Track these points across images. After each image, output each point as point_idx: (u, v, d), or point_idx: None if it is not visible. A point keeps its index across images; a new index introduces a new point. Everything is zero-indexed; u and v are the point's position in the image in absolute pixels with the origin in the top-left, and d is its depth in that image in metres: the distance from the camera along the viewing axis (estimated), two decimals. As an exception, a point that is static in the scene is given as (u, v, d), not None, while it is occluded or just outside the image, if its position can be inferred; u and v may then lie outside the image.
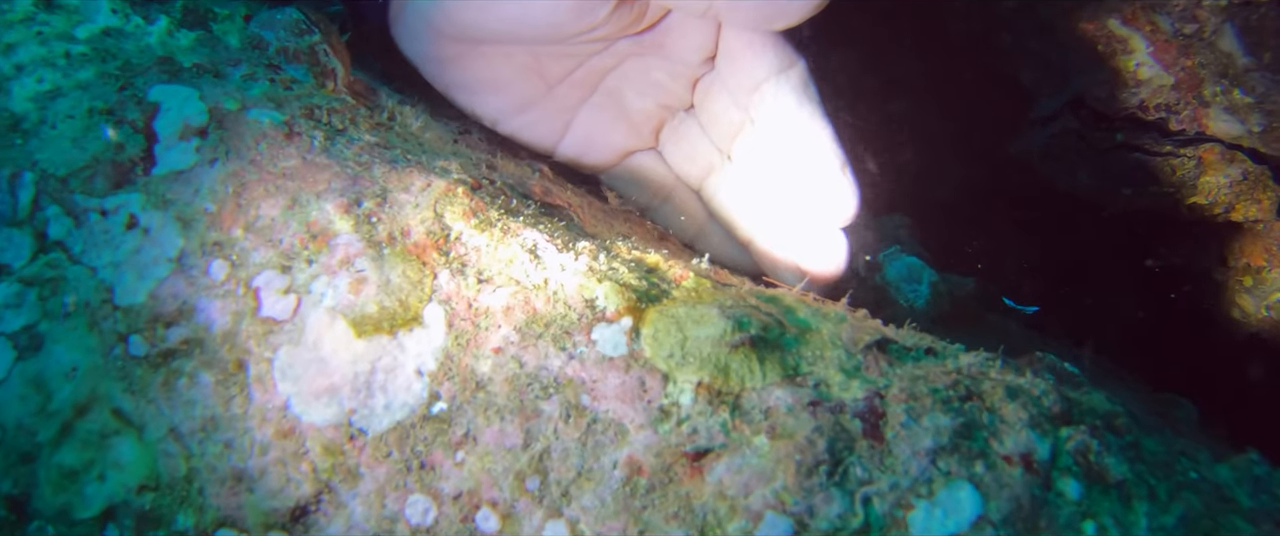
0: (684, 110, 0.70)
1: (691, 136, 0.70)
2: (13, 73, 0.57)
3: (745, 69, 0.62)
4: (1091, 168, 1.02)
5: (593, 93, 0.68)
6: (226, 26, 0.64)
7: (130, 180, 0.54)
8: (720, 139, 0.68)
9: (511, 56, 0.65)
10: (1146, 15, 0.92)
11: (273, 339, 0.49)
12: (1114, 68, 0.98)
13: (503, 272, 0.49)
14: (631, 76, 0.67)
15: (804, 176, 0.62)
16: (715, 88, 0.66)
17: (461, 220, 0.51)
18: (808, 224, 0.64)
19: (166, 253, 0.52)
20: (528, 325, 0.47)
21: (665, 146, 0.71)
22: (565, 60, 0.66)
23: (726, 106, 0.66)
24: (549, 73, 0.66)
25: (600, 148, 0.70)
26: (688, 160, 0.70)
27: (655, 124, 0.70)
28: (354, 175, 0.53)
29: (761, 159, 0.66)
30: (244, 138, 0.55)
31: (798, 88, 0.62)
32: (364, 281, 0.48)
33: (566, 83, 0.67)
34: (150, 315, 0.51)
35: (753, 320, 0.45)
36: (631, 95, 0.68)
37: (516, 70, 0.66)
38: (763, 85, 0.62)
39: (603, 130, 0.69)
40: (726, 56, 0.64)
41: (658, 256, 0.53)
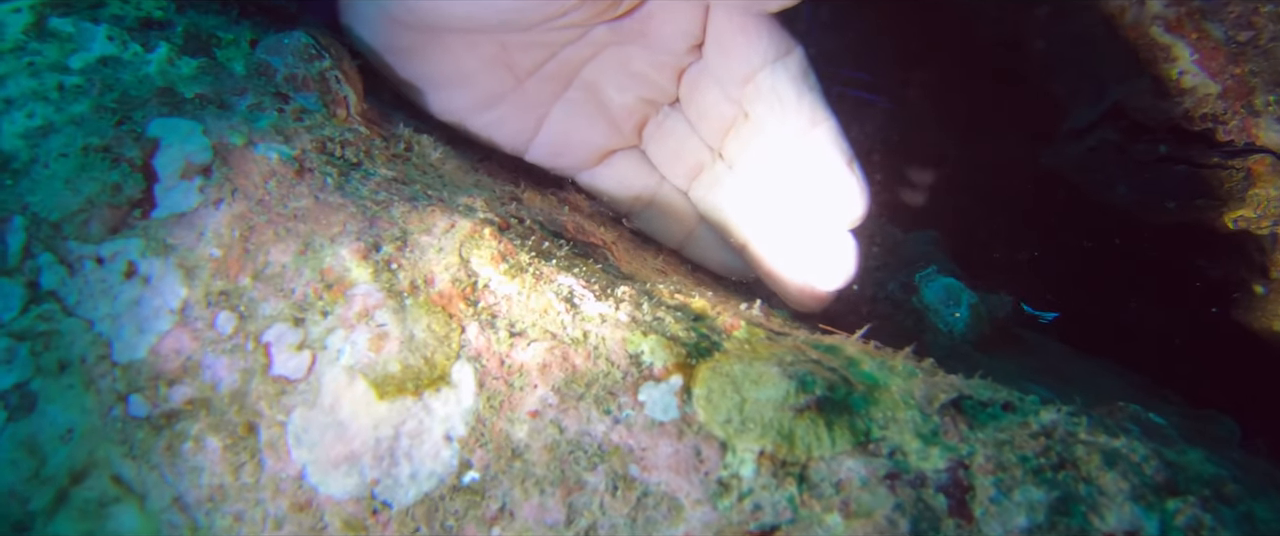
0: (669, 104, 0.64)
1: (678, 133, 0.64)
2: (1, 107, 0.53)
3: (737, 57, 0.57)
4: (1132, 180, 0.98)
5: (567, 87, 0.62)
6: (231, 53, 0.60)
7: (128, 224, 0.50)
8: (710, 135, 0.63)
9: (476, 46, 0.59)
10: (1194, 22, 0.87)
11: (286, 400, 0.44)
12: (1155, 76, 0.93)
13: (537, 324, 0.45)
14: (610, 68, 0.61)
15: (806, 174, 0.57)
16: (704, 79, 0.60)
17: (490, 265, 0.46)
18: (812, 226, 0.58)
19: (168, 304, 0.48)
20: (567, 385, 0.43)
21: (649, 145, 0.65)
22: (536, 50, 0.59)
23: (716, 99, 0.60)
24: (518, 65, 0.60)
25: (577, 147, 0.64)
26: (674, 159, 0.64)
27: (637, 120, 0.64)
28: (371, 216, 0.49)
29: (757, 156, 0.60)
30: (251, 175, 0.51)
31: (796, 76, 0.57)
32: (385, 337, 0.44)
33: (538, 76, 0.61)
34: (151, 372, 0.47)
35: (817, 379, 0.41)
36: (610, 89, 0.62)
37: (482, 62, 0.59)
38: (757, 75, 0.56)
39: (579, 128, 0.63)
40: (715, 44, 0.58)
41: (703, 300, 0.49)
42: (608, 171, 0.65)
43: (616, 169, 0.65)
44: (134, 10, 0.59)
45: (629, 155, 0.65)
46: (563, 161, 0.64)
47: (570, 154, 0.64)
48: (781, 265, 0.61)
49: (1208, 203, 0.94)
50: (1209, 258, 1.09)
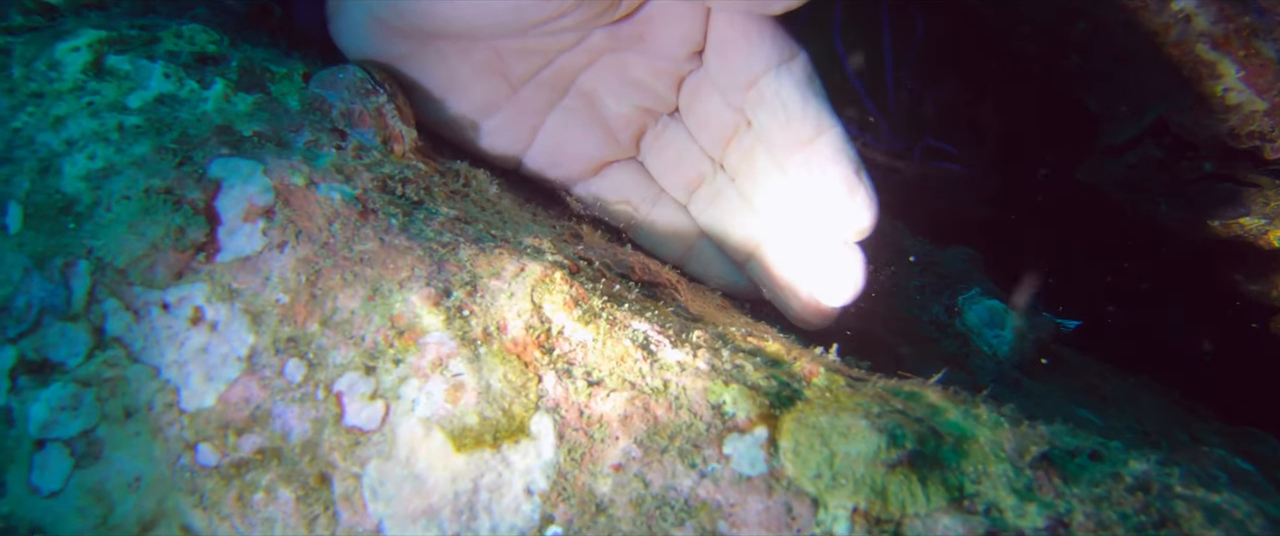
0: (667, 114, 0.62)
1: (677, 143, 0.62)
2: (63, 149, 0.52)
3: (739, 62, 0.55)
4: (1175, 197, 0.97)
5: (563, 95, 0.60)
6: (284, 87, 0.59)
7: (193, 269, 0.49)
8: (711, 144, 0.61)
9: (470, 53, 0.57)
10: (1243, 40, 0.86)
11: (360, 451, 0.44)
12: (1199, 93, 0.92)
13: (615, 374, 0.44)
14: (607, 76, 0.59)
15: (811, 184, 0.54)
16: (704, 86, 0.58)
17: (563, 311, 0.46)
18: (816, 239, 0.56)
19: (236, 351, 0.47)
20: (650, 437, 0.42)
21: (647, 156, 0.63)
22: (531, 57, 0.58)
23: (718, 107, 0.58)
24: (513, 72, 0.58)
25: (572, 158, 0.62)
26: (673, 170, 0.62)
27: (635, 130, 0.62)
28: (439, 260, 0.48)
29: (760, 166, 0.58)
30: (314, 217, 0.50)
31: (801, 82, 0.55)
32: (462, 387, 0.43)
33: (533, 83, 0.59)
34: (220, 421, 0.46)
35: (908, 432, 0.40)
36: (608, 97, 0.60)
37: (476, 69, 0.58)
38: (760, 80, 0.54)
39: (574, 138, 0.61)
40: (716, 48, 0.56)
41: (777, 344, 0.48)
42: (604, 183, 0.63)
43: (613, 180, 0.63)
44: (187, 45, 0.59)
45: (626, 167, 0.63)
46: (557, 172, 0.63)
47: (565, 164, 0.62)
48: (786, 280, 0.59)
49: (1253, 220, 0.92)
50: (1249, 273, 1.08)
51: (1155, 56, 0.91)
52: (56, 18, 0.58)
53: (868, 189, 0.54)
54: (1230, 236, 0.96)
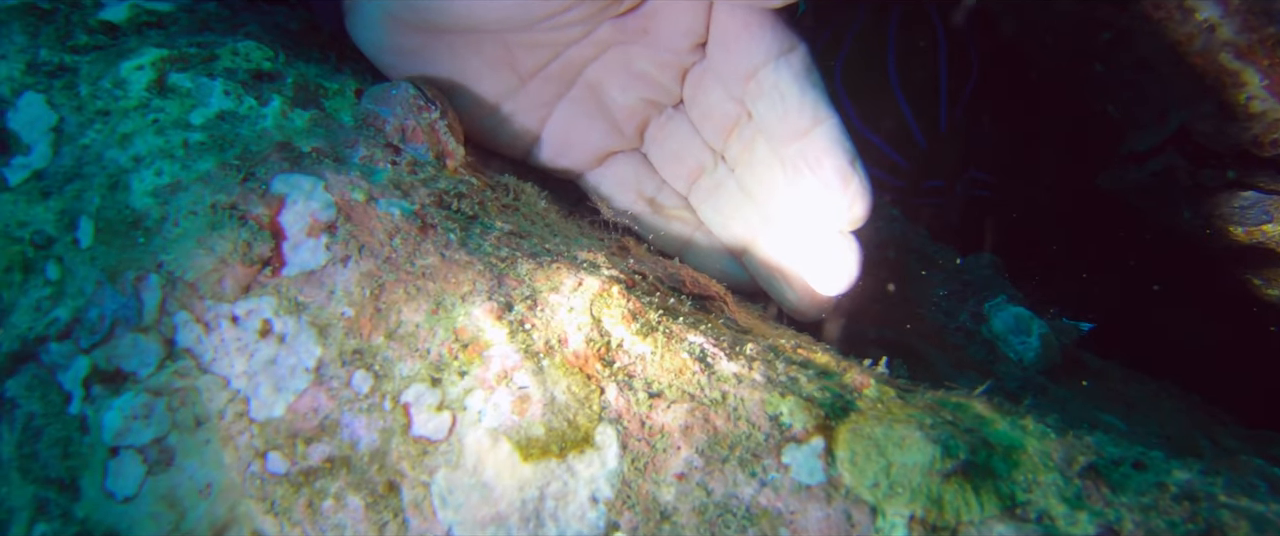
0: (672, 106, 0.63)
1: (680, 134, 0.63)
2: (131, 165, 0.54)
3: (740, 53, 0.55)
4: (1197, 205, 0.98)
5: (571, 87, 0.61)
6: (338, 103, 0.61)
7: (260, 282, 0.51)
8: (713, 135, 0.62)
9: (480, 47, 0.59)
10: (1267, 49, 0.87)
11: (428, 461, 0.45)
12: (1223, 102, 0.93)
13: (674, 385, 0.45)
14: (613, 68, 0.60)
15: (807, 174, 0.55)
16: (707, 78, 0.59)
17: (622, 325, 0.47)
18: (813, 230, 0.57)
19: (304, 362, 0.49)
20: (711, 447, 0.43)
21: (650, 147, 0.65)
22: (539, 50, 0.59)
23: (719, 98, 0.59)
24: (522, 65, 0.60)
25: (578, 148, 0.63)
26: (675, 161, 0.64)
27: (639, 122, 0.63)
28: (499, 274, 0.50)
29: (759, 157, 0.59)
30: (375, 233, 0.52)
31: (800, 74, 0.55)
32: (528, 399, 0.45)
33: (541, 76, 0.60)
34: (290, 430, 0.48)
35: (961, 443, 0.42)
36: (614, 89, 0.61)
37: (486, 63, 0.59)
38: (759, 71, 0.55)
39: (581, 129, 0.62)
40: (718, 40, 0.57)
41: (826, 356, 0.49)
42: (608, 173, 0.64)
43: (616, 171, 0.64)
44: (244, 62, 0.60)
45: (630, 157, 0.65)
46: (563, 163, 0.64)
47: (571, 154, 0.63)
48: (782, 270, 0.60)
49: (1276, 228, 0.93)
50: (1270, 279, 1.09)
51: (1179, 65, 0.92)
52: (119, 37, 0.60)
53: (862, 179, 0.55)
54: (1252, 243, 0.97)
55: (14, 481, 0.53)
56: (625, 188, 0.64)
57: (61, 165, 0.55)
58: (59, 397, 0.52)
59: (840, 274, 0.57)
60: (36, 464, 0.52)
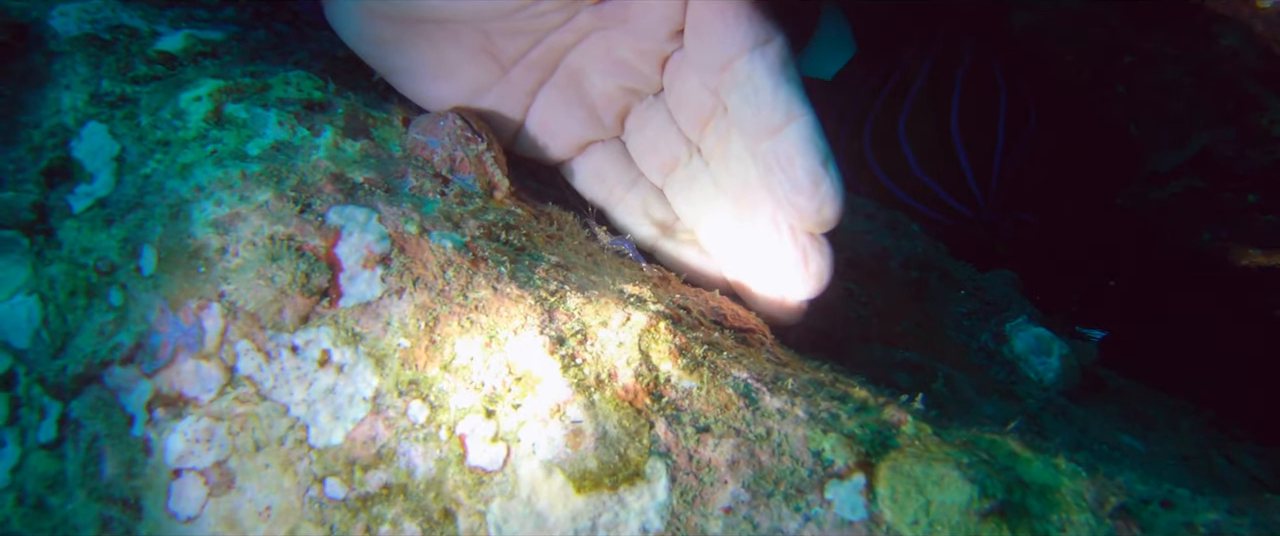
0: (653, 95, 0.62)
1: (656, 123, 0.62)
2: (191, 195, 0.56)
3: (714, 43, 0.54)
4: (1217, 226, 0.99)
5: (552, 72, 0.61)
6: (386, 132, 0.63)
7: (318, 313, 0.53)
8: (688, 126, 0.61)
9: (459, 36, 0.58)
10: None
11: (484, 490, 0.47)
12: (1245, 125, 0.94)
13: (720, 421, 0.47)
14: (595, 54, 0.60)
15: (779, 172, 0.54)
16: (684, 67, 0.58)
17: (669, 360, 0.49)
18: (784, 229, 0.56)
19: (362, 392, 0.51)
20: (756, 482, 0.45)
21: (629, 135, 0.64)
22: (520, 38, 0.58)
23: (695, 87, 0.58)
24: (503, 53, 0.59)
25: (557, 135, 0.63)
26: (650, 150, 0.63)
27: (619, 110, 0.62)
28: (549, 308, 0.52)
29: (734, 151, 0.58)
30: (428, 265, 0.53)
31: (774, 66, 0.54)
32: (581, 433, 0.47)
33: (523, 64, 0.60)
34: (348, 457, 0.50)
35: (997, 482, 0.43)
36: (594, 76, 0.60)
37: (466, 52, 0.59)
38: (734, 62, 0.54)
39: (560, 116, 0.62)
40: (694, 29, 0.55)
41: (863, 390, 0.51)
42: (585, 162, 0.64)
43: (594, 161, 0.64)
44: (295, 92, 0.62)
45: (609, 147, 0.64)
46: (543, 151, 0.64)
47: (550, 142, 0.63)
48: (753, 271, 0.59)
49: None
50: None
51: (1201, 89, 0.94)
52: (176, 67, 0.62)
53: (832, 181, 0.53)
54: (1272, 265, 0.98)
55: (78, 499, 0.55)
56: (601, 178, 0.64)
57: (124, 194, 0.57)
58: (122, 419, 0.54)
59: (810, 278, 0.56)
60: (101, 483, 0.54)
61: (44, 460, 0.56)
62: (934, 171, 1.16)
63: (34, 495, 0.56)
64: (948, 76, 1.13)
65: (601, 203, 0.64)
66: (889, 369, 0.74)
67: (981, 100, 1.14)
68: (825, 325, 0.79)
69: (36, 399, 0.57)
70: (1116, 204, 1.10)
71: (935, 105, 1.14)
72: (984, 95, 1.14)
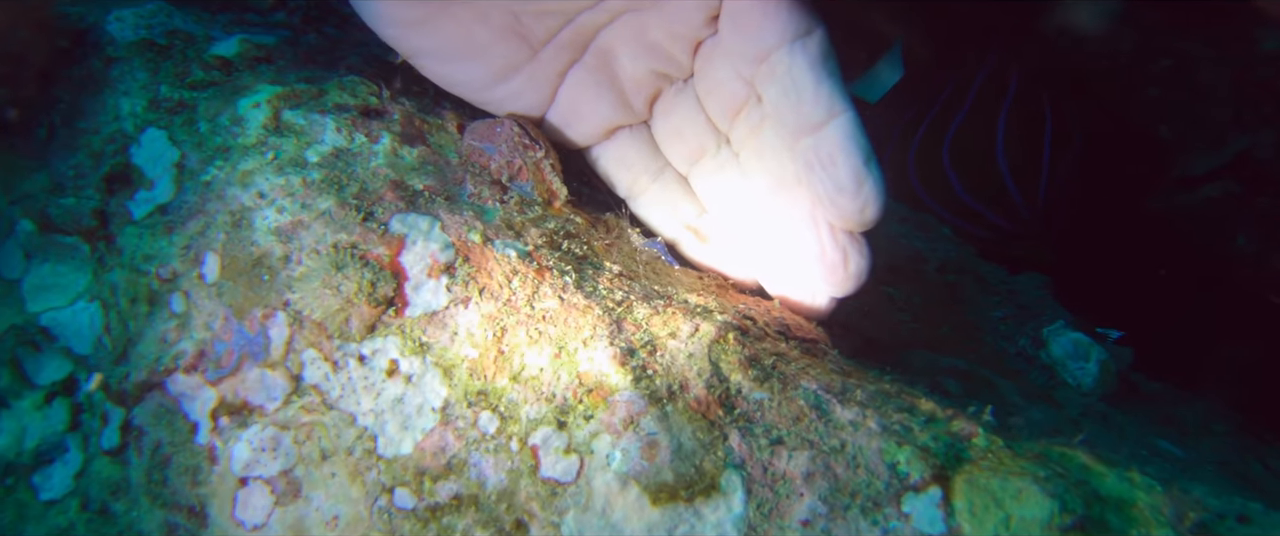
0: (683, 80, 0.60)
1: (684, 109, 0.60)
2: (253, 203, 0.56)
3: (751, 33, 0.52)
4: (1252, 231, 0.99)
5: (582, 53, 0.59)
6: (441, 139, 0.62)
7: (384, 323, 0.53)
8: (718, 115, 0.59)
9: (487, 16, 0.56)
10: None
11: (558, 502, 0.47)
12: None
13: (793, 433, 0.47)
14: (626, 35, 0.58)
15: (818, 169, 0.52)
16: (717, 54, 0.56)
17: (738, 372, 0.49)
18: (823, 227, 0.55)
19: (431, 402, 0.51)
20: (833, 494, 0.45)
21: (656, 121, 0.62)
22: (550, 17, 0.56)
23: (727, 76, 0.56)
24: (532, 33, 0.57)
25: (585, 118, 0.61)
26: (676, 138, 0.61)
27: (649, 94, 0.60)
28: (617, 319, 0.52)
29: (767, 144, 0.56)
30: (494, 275, 0.53)
31: (815, 60, 0.52)
32: (656, 445, 0.47)
33: (553, 44, 0.57)
34: (417, 468, 0.50)
35: (1077, 497, 0.43)
36: (624, 57, 0.59)
37: (495, 32, 0.56)
38: (772, 54, 0.52)
39: (589, 99, 0.60)
40: (730, 16, 0.53)
41: (929, 402, 0.51)
42: (611, 148, 0.62)
43: (620, 146, 0.62)
44: (351, 98, 0.62)
45: (635, 133, 0.62)
46: (570, 134, 0.62)
47: (578, 125, 0.61)
48: (784, 266, 0.58)
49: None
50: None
51: (1239, 93, 0.93)
52: (232, 72, 0.62)
53: (875, 181, 0.52)
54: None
55: (143, 505, 0.55)
56: (626, 165, 0.62)
57: (185, 201, 0.57)
58: (185, 427, 0.54)
59: (849, 278, 0.55)
60: (165, 490, 0.54)
61: (107, 466, 0.56)
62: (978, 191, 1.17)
63: (98, 501, 0.56)
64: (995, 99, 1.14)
65: (625, 191, 0.63)
66: (937, 375, 0.74)
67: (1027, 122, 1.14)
68: (871, 330, 0.79)
69: (99, 405, 0.57)
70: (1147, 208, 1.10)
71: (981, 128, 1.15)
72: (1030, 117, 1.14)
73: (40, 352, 0.58)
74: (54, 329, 0.58)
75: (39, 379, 0.58)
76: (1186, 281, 1.14)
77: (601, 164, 0.63)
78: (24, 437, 0.58)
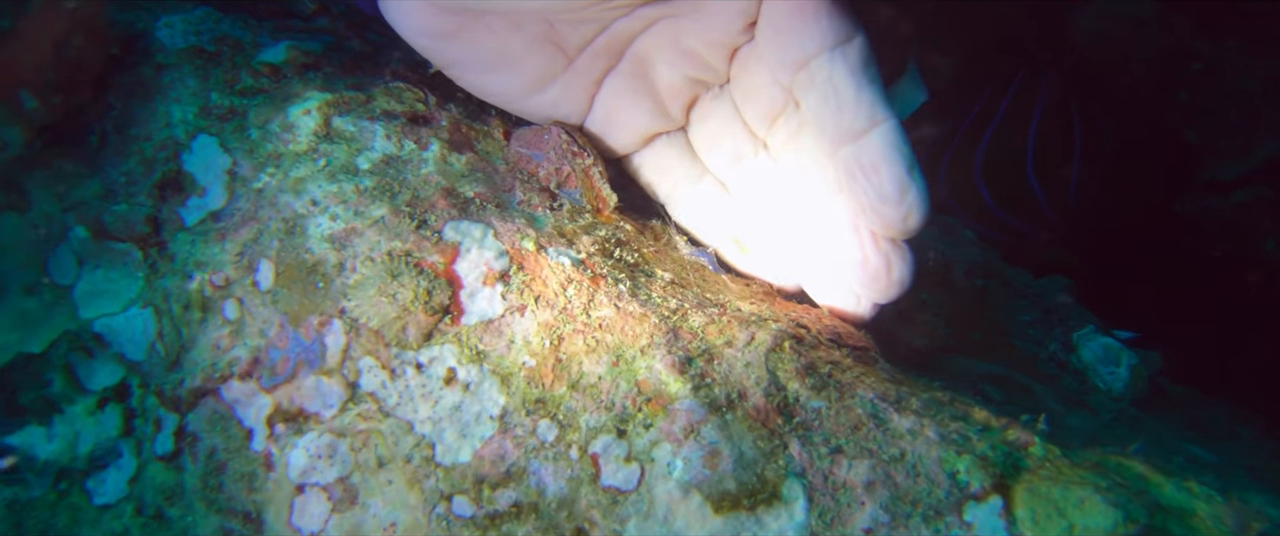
0: (719, 86, 0.60)
1: (721, 115, 0.60)
2: (306, 210, 0.56)
3: (791, 40, 0.52)
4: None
5: (618, 60, 0.59)
6: (488, 145, 0.63)
7: (440, 331, 0.53)
8: (755, 121, 0.59)
9: (521, 25, 0.56)
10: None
11: (619, 510, 0.48)
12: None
13: (852, 441, 0.47)
14: (661, 41, 0.58)
15: (860, 177, 0.52)
16: (753, 60, 0.56)
17: (795, 380, 0.49)
18: (865, 234, 0.55)
19: (489, 411, 0.51)
20: (894, 503, 0.45)
21: (694, 127, 0.62)
22: (584, 25, 0.56)
23: (765, 82, 0.56)
24: (567, 41, 0.57)
25: (623, 127, 0.61)
26: (714, 144, 0.61)
27: (685, 100, 0.60)
28: (673, 327, 0.52)
29: (806, 151, 0.57)
30: (549, 283, 0.54)
31: (856, 67, 0.52)
32: (718, 454, 0.47)
33: (588, 52, 0.58)
34: (476, 476, 0.50)
35: (1139, 507, 0.44)
36: (660, 64, 0.59)
37: (529, 41, 0.56)
38: (811, 61, 0.52)
39: (626, 107, 0.60)
40: (769, 23, 0.53)
41: (983, 410, 0.51)
42: (650, 155, 0.62)
43: (658, 154, 0.62)
44: (398, 104, 0.62)
45: (673, 139, 0.62)
46: (609, 141, 0.62)
47: (616, 133, 0.61)
48: (826, 273, 0.58)
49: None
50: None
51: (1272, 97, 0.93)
52: (281, 78, 0.62)
53: (919, 189, 0.52)
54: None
55: (198, 511, 0.55)
56: (665, 172, 0.62)
57: (237, 207, 0.58)
58: (240, 433, 0.55)
59: (893, 285, 0.55)
60: (221, 496, 0.54)
61: (162, 472, 0.56)
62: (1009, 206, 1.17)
63: (153, 506, 0.56)
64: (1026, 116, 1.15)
65: (664, 198, 0.63)
66: (977, 381, 0.74)
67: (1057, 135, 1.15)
68: (908, 335, 0.79)
69: (152, 411, 0.57)
70: (1174, 211, 1.10)
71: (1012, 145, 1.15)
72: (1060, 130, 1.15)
73: (92, 358, 0.59)
74: (107, 335, 0.58)
75: (91, 384, 0.59)
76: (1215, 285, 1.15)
77: (642, 171, 0.63)
78: (77, 442, 0.58)
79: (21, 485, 0.58)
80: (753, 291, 0.59)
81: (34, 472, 0.59)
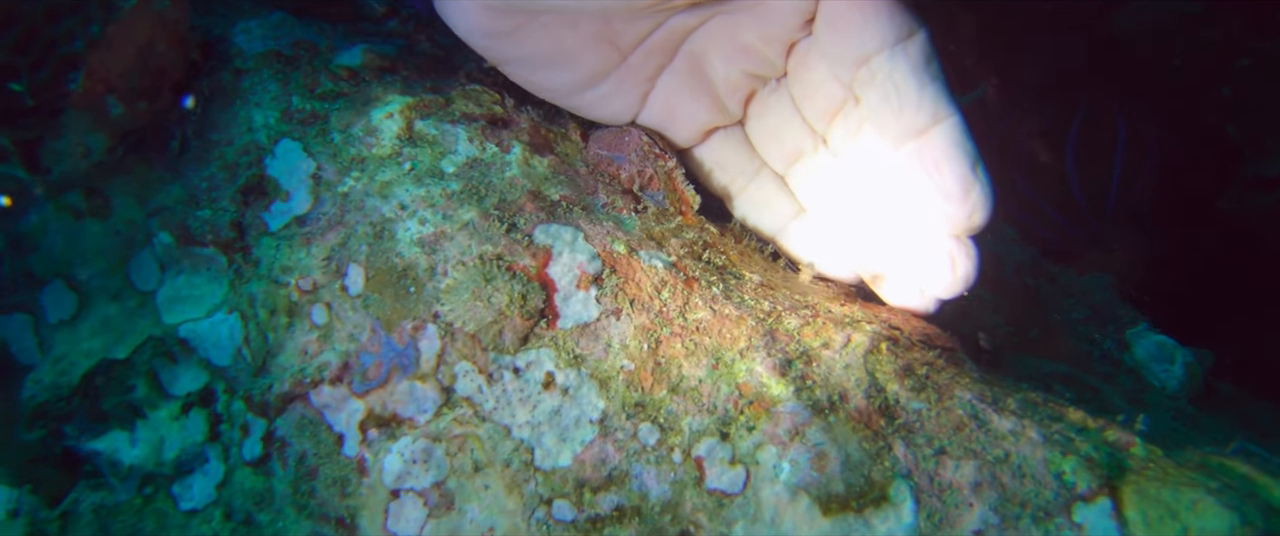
0: (776, 79, 0.60)
1: (780, 111, 0.60)
2: (394, 215, 0.56)
3: (851, 37, 0.51)
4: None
5: (673, 57, 0.58)
6: (567, 148, 0.63)
7: (536, 335, 0.53)
8: (815, 117, 0.58)
9: (576, 23, 0.56)
10: None
11: (726, 513, 0.48)
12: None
13: (955, 442, 0.48)
14: (717, 37, 0.57)
15: (924, 174, 0.52)
16: (812, 55, 0.56)
17: (895, 382, 0.49)
18: (926, 229, 0.55)
19: (588, 415, 0.51)
20: (1003, 505, 0.46)
21: (751, 121, 0.61)
22: (640, 22, 0.56)
23: (824, 78, 0.56)
24: (622, 38, 0.57)
25: (681, 122, 0.60)
26: (772, 139, 0.61)
27: (743, 95, 0.60)
28: (769, 329, 0.52)
29: (867, 147, 0.56)
30: (642, 286, 0.54)
31: (918, 64, 0.51)
32: (825, 456, 0.47)
33: (643, 48, 0.57)
34: (576, 480, 0.50)
35: (1254, 509, 0.44)
36: (716, 60, 0.58)
37: (584, 39, 0.56)
38: (872, 59, 0.52)
39: (684, 103, 0.59)
40: (828, 19, 0.52)
41: (1078, 411, 0.51)
42: (708, 151, 0.62)
43: (716, 149, 0.62)
44: (476, 107, 0.62)
45: (731, 134, 0.62)
46: (665, 138, 0.62)
47: (673, 128, 0.61)
48: (890, 267, 0.57)
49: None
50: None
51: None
52: (360, 82, 0.62)
53: (983, 186, 0.52)
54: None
55: (289, 516, 0.55)
56: (724, 167, 0.62)
57: (322, 212, 0.57)
58: (330, 438, 0.55)
59: (957, 282, 0.55)
60: (313, 501, 0.54)
61: (250, 477, 0.56)
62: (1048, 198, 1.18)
63: (242, 511, 0.56)
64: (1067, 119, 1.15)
65: (721, 193, 0.63)
66: (1045, 380, 0.75)
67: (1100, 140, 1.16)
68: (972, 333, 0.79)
69: (238, 416, 0.57)
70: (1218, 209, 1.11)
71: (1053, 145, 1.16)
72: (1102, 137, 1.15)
73: (176, 364, 0.59)
74: (192, 340, 0.58)
75: (175, 389, 0.59)
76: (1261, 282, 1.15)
77: (702, 167, 0.63)
78: (162, 448, 0.58)
79: (106, 490, 0.59)
80: (835, 292, 0.59)
81: (118, 477, 0.59)
